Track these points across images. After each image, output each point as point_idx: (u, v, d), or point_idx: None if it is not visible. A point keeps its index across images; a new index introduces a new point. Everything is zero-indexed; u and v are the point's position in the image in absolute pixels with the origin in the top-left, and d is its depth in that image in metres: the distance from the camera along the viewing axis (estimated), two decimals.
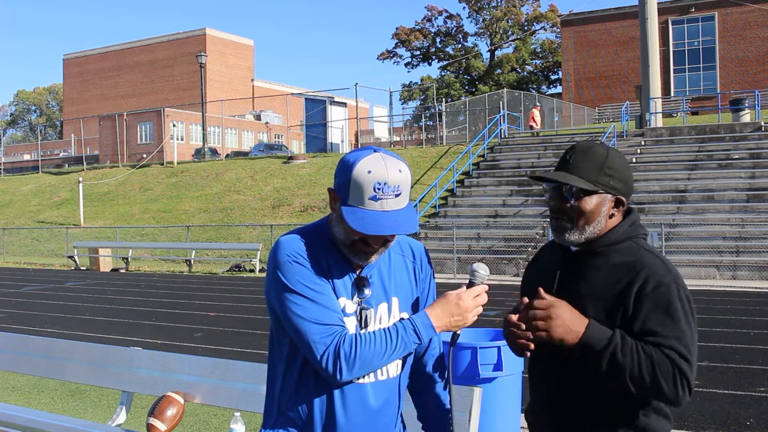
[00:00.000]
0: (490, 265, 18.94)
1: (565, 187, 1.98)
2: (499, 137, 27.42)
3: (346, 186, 1.84)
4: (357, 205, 1.81)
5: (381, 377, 1.92)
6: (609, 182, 1.98)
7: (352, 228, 1.80)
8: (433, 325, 1.85)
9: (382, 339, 1.81)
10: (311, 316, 1.82)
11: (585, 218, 1.97)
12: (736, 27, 47.78)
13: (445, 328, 1.88)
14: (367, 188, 1.80)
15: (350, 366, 1.79)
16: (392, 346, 1.81)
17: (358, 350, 1.79)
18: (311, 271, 1.85)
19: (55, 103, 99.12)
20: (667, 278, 1.89)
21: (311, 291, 1.83)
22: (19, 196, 36.63)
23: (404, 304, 1.98)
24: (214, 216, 27.64)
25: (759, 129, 22.68)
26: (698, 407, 6.05)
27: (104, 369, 4.52)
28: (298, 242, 1.89)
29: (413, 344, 1.84)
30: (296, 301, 1.83)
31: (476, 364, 4.19)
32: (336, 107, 37.44)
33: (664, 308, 1.86)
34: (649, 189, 20.57)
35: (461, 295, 1.87)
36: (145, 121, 45.31)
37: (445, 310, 1.86)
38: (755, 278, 16.15)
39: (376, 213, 1.80)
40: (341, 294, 1.89)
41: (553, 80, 69.52)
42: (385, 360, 1.82)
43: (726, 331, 9.83)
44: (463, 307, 1.87)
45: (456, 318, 1.87)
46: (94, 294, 15.90)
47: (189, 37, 69.36)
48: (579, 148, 2.02)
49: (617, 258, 1.96)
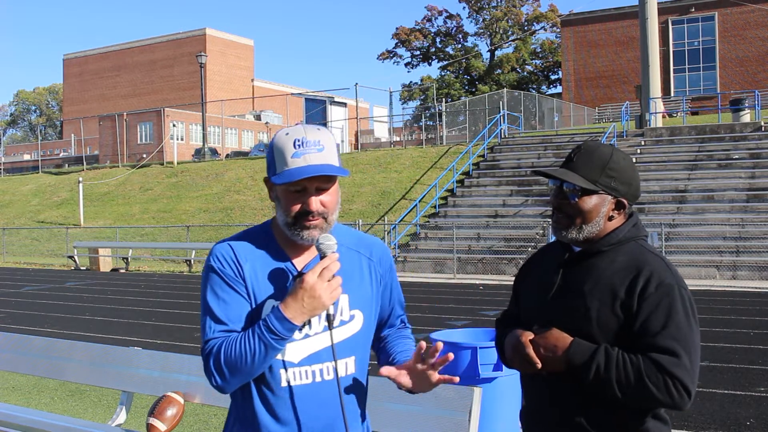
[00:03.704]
0: (490, 265, 18.96)
1: (566, 184, 2.00)
2: (499, 137, 27.41)
3: (271, 158, 1.84)
4: (282, 168, 1.80)
5: (327, 377, 1.86)
6: (610, 183, 1.98)
7: (281, 183, 1.79)
8: (286, 317, 1.74)
9: (242, 342, 1.76)
10: (207, 324, 1.82)
11: (583, 217, 1.99)
12: (736, 27, 47.77)
13: (303, 314, 1.76)
14: (287, 147, 1.80)
15: (220, 373, 1.77)
16: (252, 349, 1.75)
17: (222, 356, 1.76)
18: (224, 279, 1.83)
19: (55, 103, 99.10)
20: (670, 279, 1.90)
21: (216, 299, 1.83)
22: (19, 196, 36.63)
23: (355, 302, 1.92)
24: (214, 216, 27.64)
25: (759, 129, 22.67)
26: (698, 407, 6.04)
27: (104, 369, 4.52)
28: (225, 248, 1.88)
29: (273, 341, 1.75)
30: (203, 308, 1.85)
31: (476, 364, 4.19)
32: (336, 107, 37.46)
33: (665, 309, 1.86)
34: (649, 189, 20.56)
35: (303, 278, 1.76)
36: (145, 121, 45.29)
37: (294, 297, 1.76)
38: (755, 278, 16.14)
39: (300, 167, 1.78)
40: (270, 297, 1.84)
41: (553, 80, 69.54)
42: (252, 362, 1.75)
43: (726, 331, 9.83)
44: (307, 288, 1.75)
45: (308, 301, 1.75)
46: (94, 294, 15.90)
47: (189, 37, 69.33)
48: (585, 147, 2.04)
49: (620, 258, 1.97)
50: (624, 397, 1.85)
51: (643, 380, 1.81)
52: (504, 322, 2.23)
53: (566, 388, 1.95)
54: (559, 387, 1.97)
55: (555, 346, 1.92)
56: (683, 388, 1.82)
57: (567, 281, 2.01)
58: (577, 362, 1.88)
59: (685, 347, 1.84)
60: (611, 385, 1.84)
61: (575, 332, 1.93)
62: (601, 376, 1.84)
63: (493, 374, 4.17)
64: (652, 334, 1.85)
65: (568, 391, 1.95)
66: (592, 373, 1.85)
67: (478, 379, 4.14)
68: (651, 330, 1.85)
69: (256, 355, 1.75)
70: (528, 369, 1.98)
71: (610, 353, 1.86)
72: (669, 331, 1.84)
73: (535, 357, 1.94)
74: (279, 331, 1.75)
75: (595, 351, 1.87)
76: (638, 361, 1.83)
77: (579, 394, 1.93)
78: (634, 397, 1.84)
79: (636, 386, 1.82)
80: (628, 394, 1.84)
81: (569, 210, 2.00)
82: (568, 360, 1.89)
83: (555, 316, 1.98)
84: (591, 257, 2.01)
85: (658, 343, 1.84)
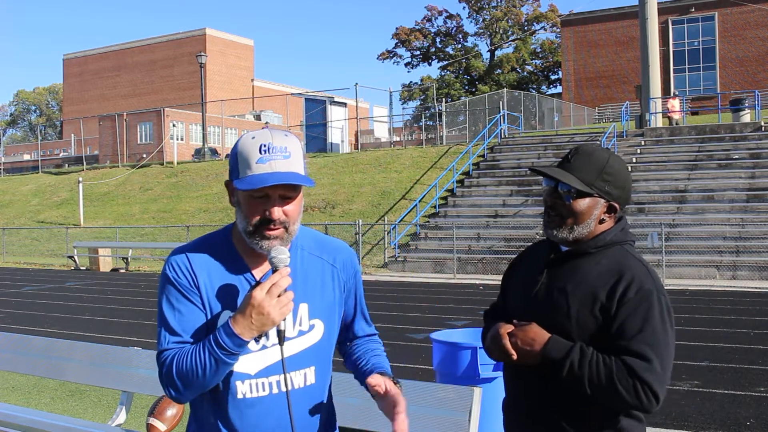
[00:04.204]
0: (490, 265, 18.95)
1: (561, 185, 2.03)
2: (499, 137, 27.41)
3: (234, 161, 1.78)
4: (246, 173, 1.74)
5: (284, 389, 1.80)
6: (605, 187, 2.02)
7: (242, 189, 1.72)
8: (235, 332, 1.69)
9: (193, 355, 1.73)
10: (162, 335, 1.80)
11: (575, 218, 2.02)
12: (736, 27, 47.77)
13: (251, 330, 1.70)
14: (252, 152, 1.74)
15: (172, 385, 1.75)
16: (202, 363, 1.71)
17: (174, 368, 1.74)
18: (179, 289, 1.80)
19: (55, 103, 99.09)
20: (650, 285, 1.94)
21: (170, 309, 1.80)
22: (19, 196, 36.63)
23: (315, 311, 1.88)
24: (214, 216, 27.64)
25: (759, 129, 22.67)
26: (698, 407, 6.04)
27: (104, 369, 4.52)
28: (180, 257, 1.83)
29: (223, 356, 1.70)
30: (158, 319, 1.83)
31: (476, 364, 4.19)
32: (336, 107, 37.44)
33: (642, 313, 1.90)
34: (649, 189, 20.57)
35: (252, 293, 1.70)
36: (145, 121, 45.28)
37: (242, 313, 1.70)
38: (755, 278, 16.14)
39: (265, 173, 1.73)
40: (226, 307, 1.80)
41: (553, 80, 69.55)
42: (203, 376, 1.72)
43: (726, 331, 9.83)
44: (255, 305, 1.69)
45: (256, 317, 1.69)
46: (94, 294, 15.90)
47: (189, 37, 69.31)
48: (582, 150, 2.07)
49: (605, 260, 2.01)
50: (594, 395, 1.89)
51: (613, 382, 1.86)
52: (491, 315, 2.29)
53: (540, 383, 2.00)
54: (533, 381, 2.02)
55: (533, 340, 1.97)
56: (652, 393, 1.85)
57: (551, 280, 2.05)
58: (552, 357, 1.93)
59: (657, 352, 1.88)
60: (583, 383, 1.88)
61: (554, 329, 1.97)
62: (575, 373, 1.89)
63: (493, 374, 4.17)
64: (627, 337, 1.89)
65: (542, 386, 2.00)
66: (566, 369, 1.90)
67: (478, 379, 4.14)
68: (626, 333, 1.89)
69: (207, 369, 1.72)
70: (503, 359, 2.05)
71: (585, 352, 1.90)
72: (644, 335, 1.88)
73: (510, 348, 1.99)
74: (228, 347, 1.70)
75: (570, 348, 1.92)
76: (611, 362, 1.87)
77: (553, 389, 1.98)
78: (603, 396, 1.89)
79: (606, 387, 1.86)
80: (599, 394, 1.88)
81: (562, 210, 2.03)
82: (544, 355, 1.94)
83: (537, 313, 2.03)
84: (576, 258, 2.04)
85: (632, 347, 1.88)
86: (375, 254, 21.54)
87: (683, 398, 6.35)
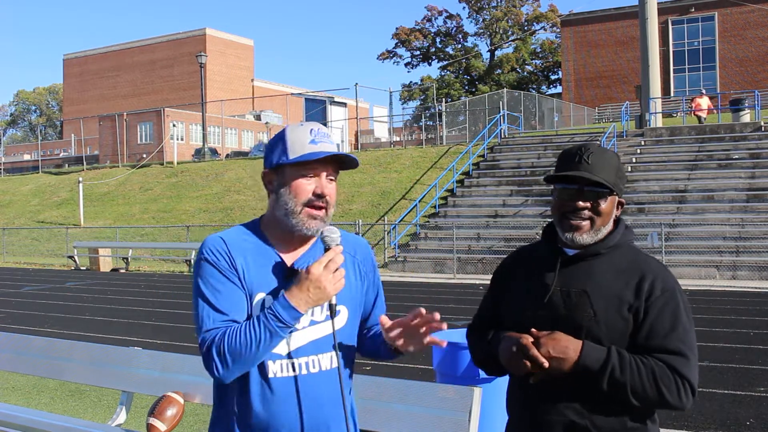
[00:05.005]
0: (490, 265, 18.94)
1: (588, 186, 1.96)
2: (499, 137, 27.42)
3: (282, 145, 1.91)
4: (300, 152, 1.88)
5: (313, 370, 1.91)
6: (620, 185, 2.02)
7: (299, 161, 1.86)
8: (292, 305, 1.81)
9: (246, 331, 1.80)
10: (204, 316, 1.84)
11: (602, 219, 1.99)
12: (736, 27, 47.78)
13: (307, 303, 1.83)
14: (304, 135, 1.90)
15: (223, 361, 1.79)
16: (257, 336, 1.79)
17: (226, 346, 1.79)
18: (220, 270, 1.86)
19: (55, 103, 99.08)
20: (672, 282, 1.95)
21: (212, 290, 1.85)
22: (19, 196, 36.62)
23: (342, 298, 1.95)
24: (214, 216, 27.64)
25: (759, 129, 22.68)
26: (698, 407, 6.04)
27: (104, 369, 4.52)
28: (217, 241, 1.91)
29: (278, 329, 1.80)
30: (198, 299, 1.87)
31: None
32: (336, 107, 37.48)
33: (671, 311, 1.90)
34: (649, 189, 20.57)
35: (310, 268, 1.83)
36: (145, 121, 45.27)
37: (300, 287, 1.82)
38: (755, 278, 16.15)
39: (319, 151, 1.88)
40: (260, 290, 1.88)
41: (553, 80, 69.54)
42: (257, 351, 1.80)
43: (726, 331, 9.83)
44: (314, 279, 1.82)
45: (314, 291, 1.82)
46: (94, 294, 15.90)
47: (189, 37, 69.30)
48: (594, 149, 2.00)
49: (619, 260, 1.99)
50: (635, 399, 1.85)
51: (656, 382, 1.84)
52: (480, 329, 2.18)
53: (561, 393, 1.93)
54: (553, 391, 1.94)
55: (566, 347, 1.87)
56: (691, 388, 1.87)
57: (565, 284, 1.98)
58: (591, 365, 1.86)
59: (690, 348, 1.89)
60: (625, 388, 1.85)
61: (580, 335, 1.90)
62: (616, 378, 1.85)
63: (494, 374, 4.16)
64: (661, 336, 1.88)
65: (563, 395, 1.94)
66: (607, 376, 1.85)
67: (478, 379, 4.13)
68: (660, 332, 1.88)
69: (261, 343, 1.79)
70: (529, 371, 1.90)
71: (623, 355, 1.86)
72: (677, 333, 1.89)
73: (542, 358, 1.87)
74: (284, 319, 1.80)
75: (608, 353, 1.86)
76: (650, 362, 1.85)
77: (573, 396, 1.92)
78: (644, 399, 1.85)
79: (650, 388, 1.84)
80: (641, 396, 1.85)
81: (594, 212, 1.97)
82: (582, 363, 1.86)
83: (555, 319, 1.94)
84: (589, 259, 1.99)
85: (669, 345, 1.87)
86: (375, 254, 21.46)
87: None
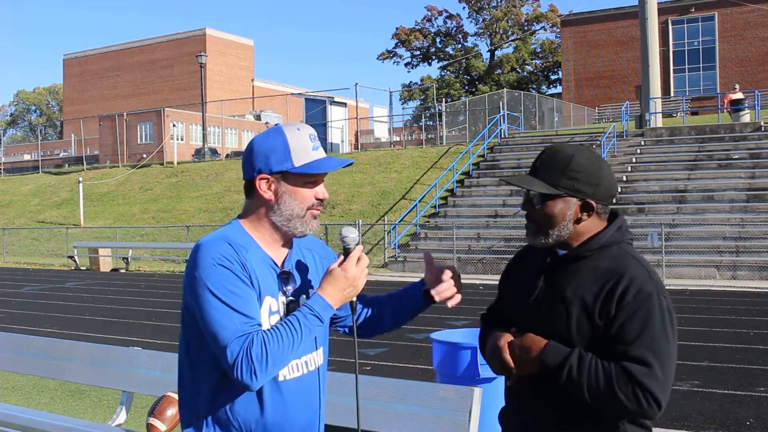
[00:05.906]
0: (490, 265, 18.96)
1: (529, 192, 2.00)
2: (499, 137, 27.42)
3: (285, 151, 1.91)
4: (306, 160, 1.91)
5: (311, 368, 1.97)
6: (573, 185, 1.94)
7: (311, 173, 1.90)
8: (330, 304, 1.88)
9: (287, 332, 1.80)
10: (229, 322, 1.78)
11: (548, 222, 1.97)
12: (736, 27, 47.77)
13: (340, 302, 1.91)
14: (305, 142, 1.93)
15: (263, 367, 1.76)
16: (299, 337, 1.82)
17: (268, 349, 1.76)
18: (237, 275, 1.83)
19: (55, 103, 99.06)
20: (650, 287, 1.87)
21: (233, 296, 1.80)
22: (19, 196, 36.62)
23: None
24: (214, 216, 27.63)
25: (759, 129, 22.67)
26: (698, 407, 6.04)
27: (104, 369, 4.52)
28: (222, 244, 1.86)
29: (317, 328, 1.87)
30: (216, 307, 1.80)
31: (476, 364, 4.18)
32: (336, 107, 37.45)
33: (642, 317, 1.84)
34: (649, 189, 20.57)
35: (345, 267, 1.90)
36: (145, 121, 45.27)
37: (336, 287, 1.89)
38: (755, 278, 16.14)
39: (324, 159, 1.94)
40: (267, 293, 1.89)
41: (553, 80, 69.53)
42: (295, 352, 1.82)
43: (726, 331, 9.83)
44: (350, 278, 1.90)
45: (348, 290, 1.91)
46: (94, 294, 15.90)
47: (189, 37, 69.29)
48: (547, 152, 2.01)
49: (603, 263, 1.94)
50: (593, 402, 1.84)
51: (613, 388, 1.80)
52: (488, 317, 2.25)
53: (540, 395, 1.96)
54: (533, 392, 1.98)
55: (530, 347, 1.92)
56: (653, 399, 1.80)
57: (549, 287, 1.98)
58: (550, 363, 1.88)
59: (658, 357, 1.81)
60: (582, 389, 1.83)
61: (555, 337, 1.91)
62: (573, 379, 1.84)
63: (493, 374, 4.16)
64: (626, 342, 1.83)
65: (542, 398, 1.96)
66: (564, 375, 1.85)
67: (478, 379, 4.13)
68: (625, 338, 1.83)
69: (301, 344, 1.83)
70: (503, 373, 2.01)
71: (583, 357, 1.85)
72: (643, 340, 1.82)
73: (510, 361, 1.95)
74: (323, 318, 1.87)
75: (568, 354, 1.86)
76: (610, 368, 1.82)
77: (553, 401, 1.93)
78: (603, 403, 1.83)
79: (606, 393, 1.81)
80: (599, 400, 1.83)
81: (536, 216, 1.99)
82: (542, 361, 1.89)
83: (536, 319, 1.97)
84: (573, 262, 1.98)
85: (631, 351, 1.82)
86: (375, 254, 21.54)
87: (683, 398, 6.35)
